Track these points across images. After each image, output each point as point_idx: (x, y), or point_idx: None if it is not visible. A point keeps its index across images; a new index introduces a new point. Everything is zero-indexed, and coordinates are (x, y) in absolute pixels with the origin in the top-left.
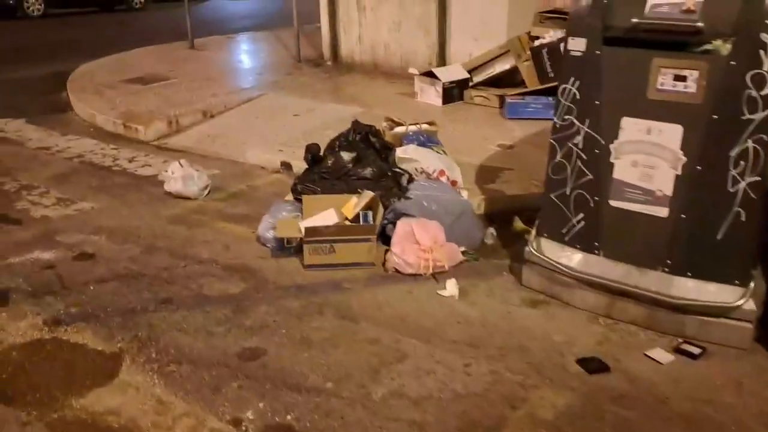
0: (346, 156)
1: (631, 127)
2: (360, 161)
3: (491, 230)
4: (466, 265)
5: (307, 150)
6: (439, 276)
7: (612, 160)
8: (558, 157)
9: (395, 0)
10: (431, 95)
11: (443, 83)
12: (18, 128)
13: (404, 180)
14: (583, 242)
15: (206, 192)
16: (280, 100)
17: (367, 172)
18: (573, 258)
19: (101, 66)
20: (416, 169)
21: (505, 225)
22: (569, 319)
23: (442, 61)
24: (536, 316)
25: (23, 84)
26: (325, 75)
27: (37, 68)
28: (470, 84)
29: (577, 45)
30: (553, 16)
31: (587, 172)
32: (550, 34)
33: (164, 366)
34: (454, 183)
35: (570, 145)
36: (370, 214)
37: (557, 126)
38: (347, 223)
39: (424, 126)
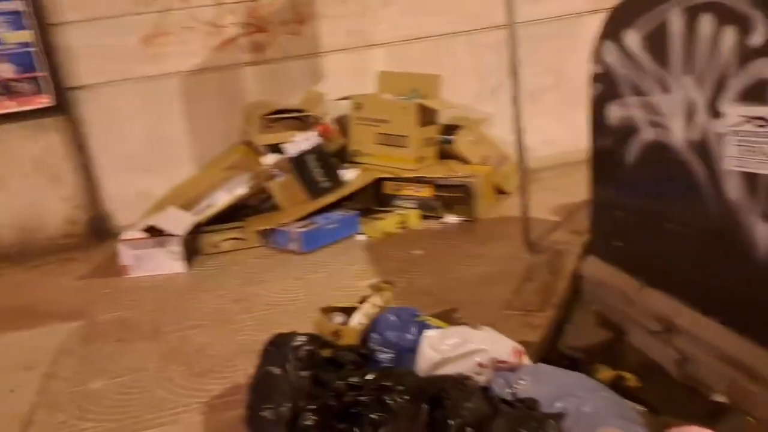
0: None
1: None
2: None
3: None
4: None
5: None
6: None
7: None
8: None
9: None
10: (161, 261)
11: (180, 238)
12: None
13: (505, 391)
14: None
15: None
16: None
17: (464, 413)
18: None
19: None
20: (480, 365)
21: None
22: None
23: (100, 213)
24: None
25: None
26: None
27: None
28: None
29: None
30: (284, 117)
31: None
32: (298, 138)
33: None
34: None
35: None
36: None
37: None
38: None
39: (376, 299)
